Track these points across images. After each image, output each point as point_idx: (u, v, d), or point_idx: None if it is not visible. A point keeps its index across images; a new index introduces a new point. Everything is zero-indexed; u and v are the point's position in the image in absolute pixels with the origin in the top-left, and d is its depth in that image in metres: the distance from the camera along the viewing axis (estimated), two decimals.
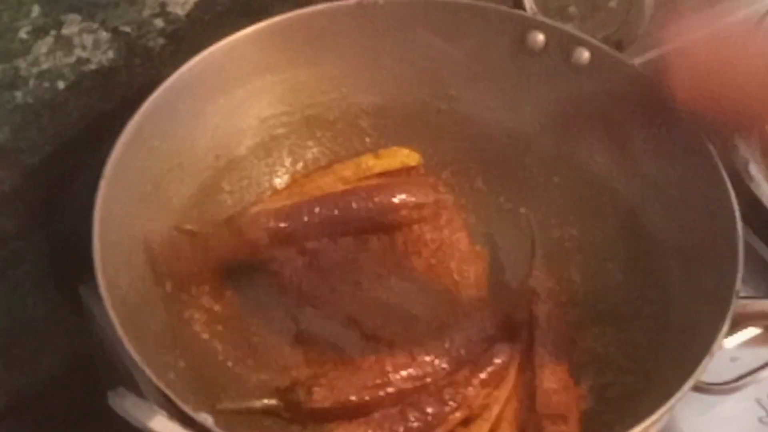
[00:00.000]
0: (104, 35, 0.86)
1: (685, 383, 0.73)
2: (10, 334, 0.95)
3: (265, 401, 0.81)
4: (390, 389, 0.81)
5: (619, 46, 0.91)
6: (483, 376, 0.82)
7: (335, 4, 0.91)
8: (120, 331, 0.72)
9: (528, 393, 0.82)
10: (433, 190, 0.92)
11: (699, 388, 0.82)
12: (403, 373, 0.82)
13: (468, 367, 0.83)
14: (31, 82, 0.84)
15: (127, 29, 0.87)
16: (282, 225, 0.87)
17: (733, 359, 0.87)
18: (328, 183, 0.92)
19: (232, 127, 0.91)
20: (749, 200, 0.89)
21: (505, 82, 0.93)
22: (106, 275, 0.75)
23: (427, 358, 0.83)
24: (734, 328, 0.79)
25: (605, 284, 0.88)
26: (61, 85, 0.86)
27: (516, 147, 0.94)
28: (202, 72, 0.86)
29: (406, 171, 0.93)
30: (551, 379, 0.82)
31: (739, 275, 0.78)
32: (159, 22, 0.88)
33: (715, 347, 0.75)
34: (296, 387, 0.81)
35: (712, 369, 0.76)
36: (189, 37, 0.90)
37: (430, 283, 0.90)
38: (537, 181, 0.94)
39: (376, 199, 0.89)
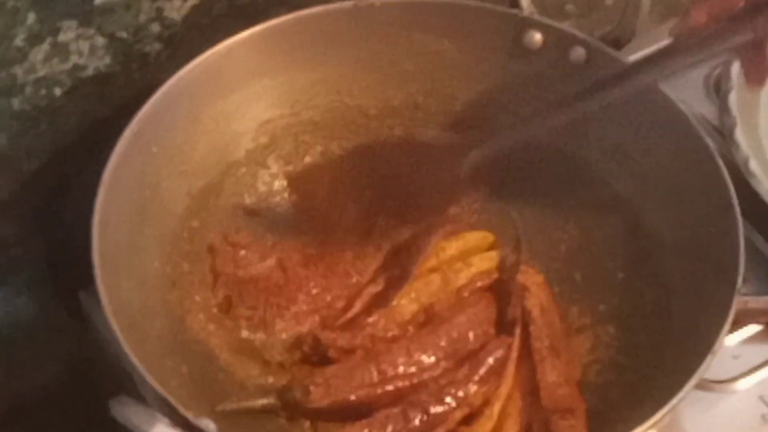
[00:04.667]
0: (100, 41, 0.86)
1: (688, 382, 0.73)
2: (10, 341, 0.95)
3: (264, 401, 0.81)
4: (388, 387, 0.81)
5: (616, 44, 0.91)
6: (482, 373, 0.82)
7: (331, 6, 0.90)
8: (121, 338, 0.72)
9: (530, 388, 0.82)
10: None
11: (702, 386, 0.82)
12: (400, 370, 0.82)
13: (467, 366, 0.83)
14: (28, 89, 0.84)
15: (124, 35, 0.87)
16: None
17: (735, 357, 0.87)
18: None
19: (230, 131, 0.91)
20: (750, 197, 0.89)
21: (502, 81, 0.93)
22: (105, 281, 0.75)
23: (424, 356, 0.83)
24: (736, 325, 0.79)
25: (605, 284, 0.88)
26: (58, 91, 0.86)
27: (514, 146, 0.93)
28: (198, 76, 0.86)
29: None
30: (553, 373, 0.82)
31: (740, 272, 0.78)
32: (155, 27, 0.88)
33: (717, 345, 0.75)
34: (293, 386, 0.81)
35: (714, 367, 0.75)
36: (185, 42, 0.90)
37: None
38: (536, 180, 0.93)
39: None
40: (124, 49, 0.88)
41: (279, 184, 0.93)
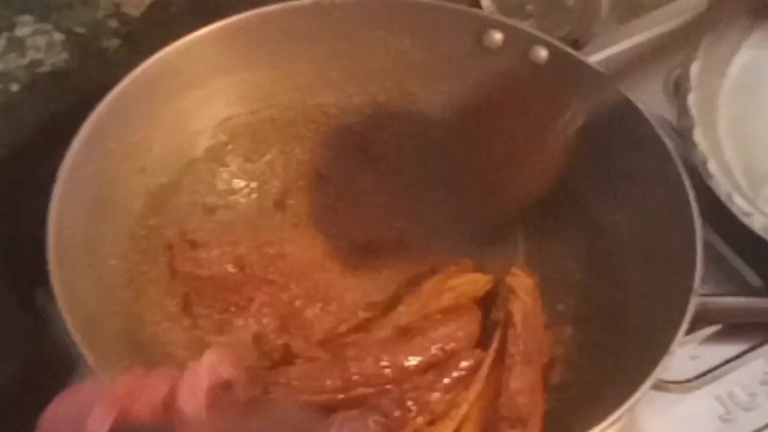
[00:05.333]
0: (58, 36, 0.85)
1: (644, 383, 0.73)
2: None
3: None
4: (351, 393, 0.81)
5: (575, 44, 0.91)
6: (447, 381, 0.82)
7: (291, 4, 0.90)
8: (76, 336, 0.72)
9: (496, 392, 0.81)
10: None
11: (659, 387, 0.83)
12: (366, 379, 0.81)
13: (432, 372, 0.82)
14: None
15: (81, 30, 0.86)
16: None
17: (693, 357, 0.87)
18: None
19: (188, 129, 0.90)
20: (708, 198, 0.89)
21: (463, 80, 0.93)
22: (61, 279, 0.74)
23: (393, 368, 0.82)
24: (694, 326, 0.79)
25: (564, 284, 0.88)
26: (14, 87, 0.85)
27: (474, 145, 0.92)
28: (156, 74, 0.85)
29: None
30: (519, 380, 0.81)
31: (698, 273, 0.78)
32: (113, 23, 0.88)
33: (674, 346, 0.75)
34: (254, 384, 0.80)
35: (672, 367, 0.76)
36: (144, 38, 0.89)
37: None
38: (494, 179, 0.91)
39: None
40: (82, 45, 0.87)
41: (238, 182, 0.93)
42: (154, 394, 0.60)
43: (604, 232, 0.88)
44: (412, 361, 0.83)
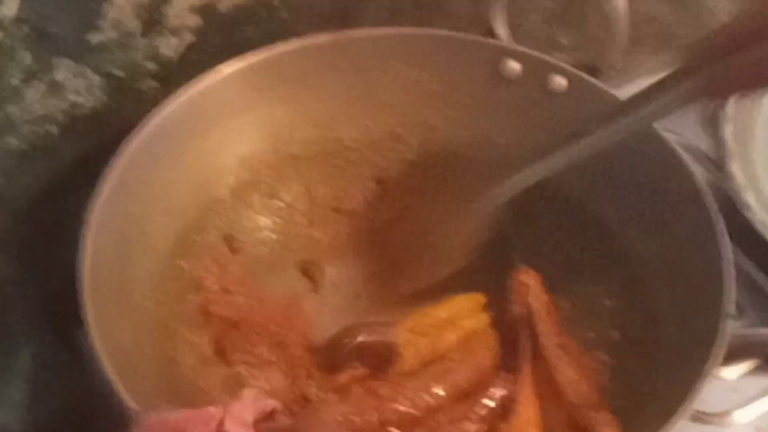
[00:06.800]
0: (96, 79, 0.86)
1: (679, 410, 0.72)
2: (5, 380, 0.95)
3: None
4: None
5: (595, 72, 0.91)
6: (482, 412, 0.81)
7: (309, 40, 0.91)
8: (114, 378, 0.72)
9: (548, 390, 0.82)
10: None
11: (698, 419, 0.81)
12: (402, 417, 0.81)
13: (467, 402, 0.82)
14: (24, 128, 0.85)
15: (119, 73, 0.88)
16: None
17: (732, 389, 0.86)
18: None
19: (212, 169, 0.91)
20: (744, 227, 0.88)
21: (482, 111, 0.93)
22: (96, 323, 0.75)
23: (427, 404, 0.82)
24: (734, 358, 0.78)
25: (593, 311, 0.87)
26: (54, 129, 0.87)
27: (495, 175, 0.92)
28: (178, 115, 0.86)
29: None
30: (569, 369, 0.82)
31: (727, 296, 0.77)
32: (150, 65, 0.89)
33: (705, 373, 0.74)
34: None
35: (711, 399, 0.75)
36: (181, 79, 0.90)
37: None
38: (518, 208, 0.92)
39: None
40: (120, 87, 0.88)
41: (263, 220, 0.93)
42: (208, 423, 0.61)
43: (632, 259, 0.87)
44: (448, 392, 0.83)
